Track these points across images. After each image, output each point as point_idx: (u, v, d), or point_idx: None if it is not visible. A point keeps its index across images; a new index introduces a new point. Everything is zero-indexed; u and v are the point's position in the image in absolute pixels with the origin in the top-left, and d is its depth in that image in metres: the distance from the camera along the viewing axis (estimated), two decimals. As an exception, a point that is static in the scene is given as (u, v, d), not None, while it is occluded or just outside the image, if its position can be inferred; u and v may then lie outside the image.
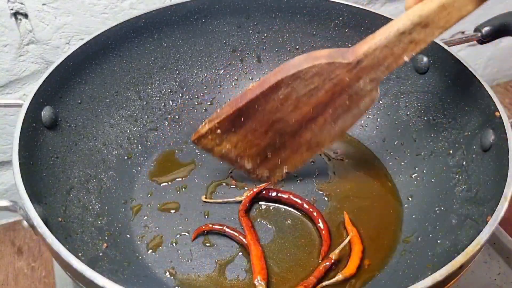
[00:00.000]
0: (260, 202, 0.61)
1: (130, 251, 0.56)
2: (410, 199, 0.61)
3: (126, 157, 0.65)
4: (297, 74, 0.52)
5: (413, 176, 0.63)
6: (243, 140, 0.58)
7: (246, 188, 0.63)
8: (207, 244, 0.57)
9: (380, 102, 0.69)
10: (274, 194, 0.60)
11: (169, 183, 0.64)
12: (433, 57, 0.62)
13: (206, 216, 0.59)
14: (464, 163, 0.56)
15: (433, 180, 0.60)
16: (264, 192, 0.61)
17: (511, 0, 0.90)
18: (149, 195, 0.62)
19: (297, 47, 0.72)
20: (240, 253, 0.56)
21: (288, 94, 0.53)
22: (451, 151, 0.59)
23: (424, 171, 0.62)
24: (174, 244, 0.57)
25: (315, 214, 0.58)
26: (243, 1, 0.69)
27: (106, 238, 0.55)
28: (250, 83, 0.73)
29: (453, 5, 0.46)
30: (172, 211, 0.60)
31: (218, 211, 0.60)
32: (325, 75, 0.51)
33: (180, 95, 0.71)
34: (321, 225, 0.57)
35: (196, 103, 0.72)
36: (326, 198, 0.62)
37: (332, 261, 0.53)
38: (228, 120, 0.56)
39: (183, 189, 0.63)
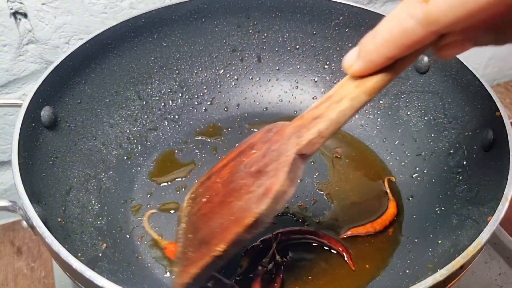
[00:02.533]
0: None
1: (129, 251, 0.55)
2: (410, 199, 0.61)
3: (125, 157, 0.64)
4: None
5: (413, 176, 0.62)
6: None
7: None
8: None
9: (381, 102, 0.69)
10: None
11: (169, 183, 0.63)
12: (434, 57, 0.62)
13: (206, 216, 0.59)
14: (464, 163, 0.56)
15: (433, 180, 0.60)
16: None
17: None
18: (148, 195, 0.62)
19: (297, 46, 0.72)
20: (240, 253, 0.56)
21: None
22: (451, 151, 0.59)
23: (425, 171, 0.62)
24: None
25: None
26: (243, 0, 0.69)
27: (105, 238, 0.55)
28: (250, 82, 0.73)
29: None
30: (172, 211, 0.60)
31: (218, 211, 0.60)
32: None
33: (180, 95, 0.71)
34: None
35: (196, 103, 0.72)
36: (326, 198, 0.62)
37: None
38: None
39: (183, 189, 0.63)
